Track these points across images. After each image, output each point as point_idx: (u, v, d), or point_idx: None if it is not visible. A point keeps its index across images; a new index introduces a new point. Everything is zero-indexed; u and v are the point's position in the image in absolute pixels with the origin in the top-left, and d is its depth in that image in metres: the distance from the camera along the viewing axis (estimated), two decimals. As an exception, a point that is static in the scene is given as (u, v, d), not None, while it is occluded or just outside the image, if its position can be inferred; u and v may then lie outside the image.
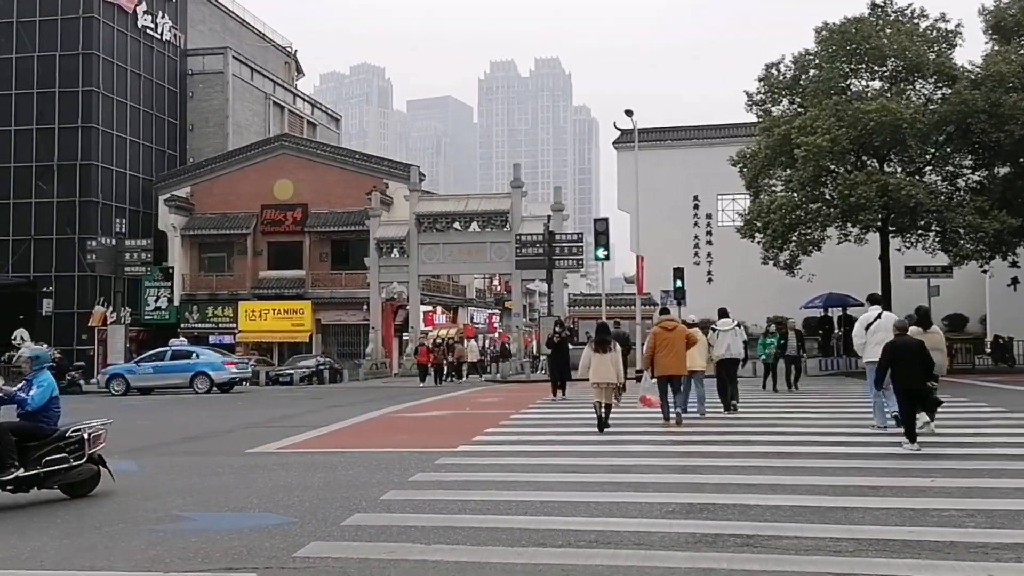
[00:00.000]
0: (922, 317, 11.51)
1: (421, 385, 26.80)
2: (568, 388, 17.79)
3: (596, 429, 11.23)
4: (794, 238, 27.12)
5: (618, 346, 12.24)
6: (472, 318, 48.73)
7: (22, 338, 32.94)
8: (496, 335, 48.62)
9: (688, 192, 38.14)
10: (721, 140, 37.06)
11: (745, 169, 28.58)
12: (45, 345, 31.58)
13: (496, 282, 53.01)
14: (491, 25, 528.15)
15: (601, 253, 27.30)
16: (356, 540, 5.76)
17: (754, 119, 30.36)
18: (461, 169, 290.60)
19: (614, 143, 39.58)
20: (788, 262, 28.04)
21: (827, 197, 26.47)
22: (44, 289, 37.60)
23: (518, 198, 35.68)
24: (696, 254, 38.12)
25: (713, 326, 14.47)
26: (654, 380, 12.17)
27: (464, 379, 30.36)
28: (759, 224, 27.01)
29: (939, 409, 10.58)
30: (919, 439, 9.19)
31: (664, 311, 13.63)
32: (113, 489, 8.02)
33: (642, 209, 30.38)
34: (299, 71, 57.96)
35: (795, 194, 26.48)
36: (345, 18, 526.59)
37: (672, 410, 12.04)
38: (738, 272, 34.15)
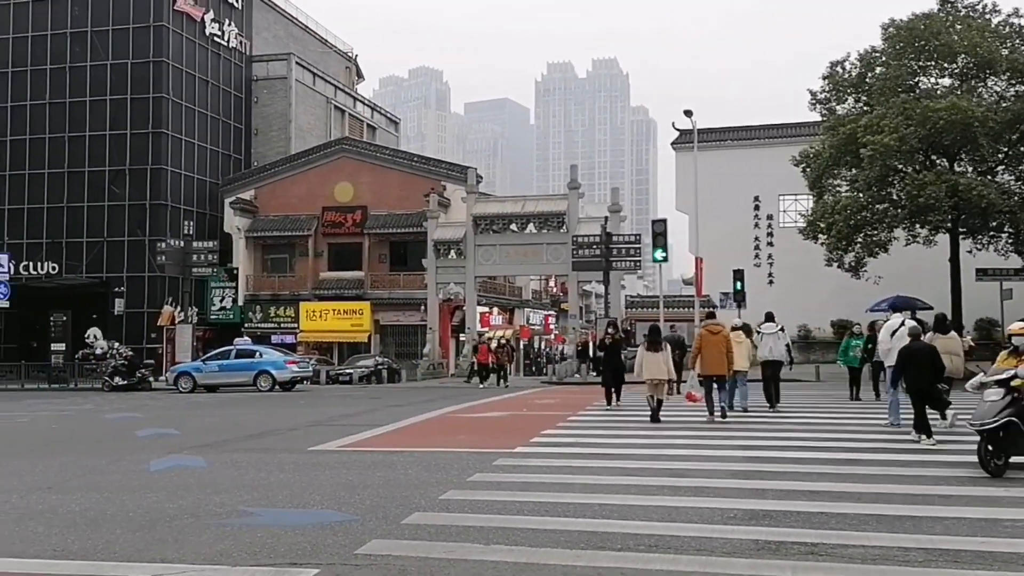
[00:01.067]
0: (938, 323, 12.90)
1: (482, 386, 26.27)
2: (624, 392, 16.26)
3: (654, 433, 11.40)
4: (859, 239, 26.40)
5: (668, 346, 14.16)
6: (528, 319, 48.79)
7: (95, 336, 34.16)
8: (552, 336, 48.58)
9: (749, 193, 37.52)
10: (783, 140, 36.36)
11: (808, 169, 27.98)
12: (116, 343, 32.75)
13: (552, 283, 52.97)
14: (548, 26, 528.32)
15: (659, 255, 27.05)
16: (416, 539, 5.83)
17: (818, 118, 29.72)
18: (518, 171, 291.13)
19: (673, 144, 39.19)
20: (853, 264, 27.33)
21: (894, 197, 25.70)
22: (116, 289, 38.88)
23: (575, 199, 35.58)
24: (757, 255, 37.47)
25: (757, 329, 15.42)
26: (699, 378, 13.48)
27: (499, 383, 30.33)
28: (823, 225, 26.40)
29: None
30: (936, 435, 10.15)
31: (710, 315, 15.19)
32: (183, 484, 8.27)
33: (701, 210, 29.99)
34: (359, 75, 58.82)
35: (861, 194, 25.77)
36: (404, 22, 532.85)
37: (717, 406, 13.08)
38: (800, 274, 33.44)
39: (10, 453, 11.34)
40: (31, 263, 38.88)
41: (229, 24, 43.98)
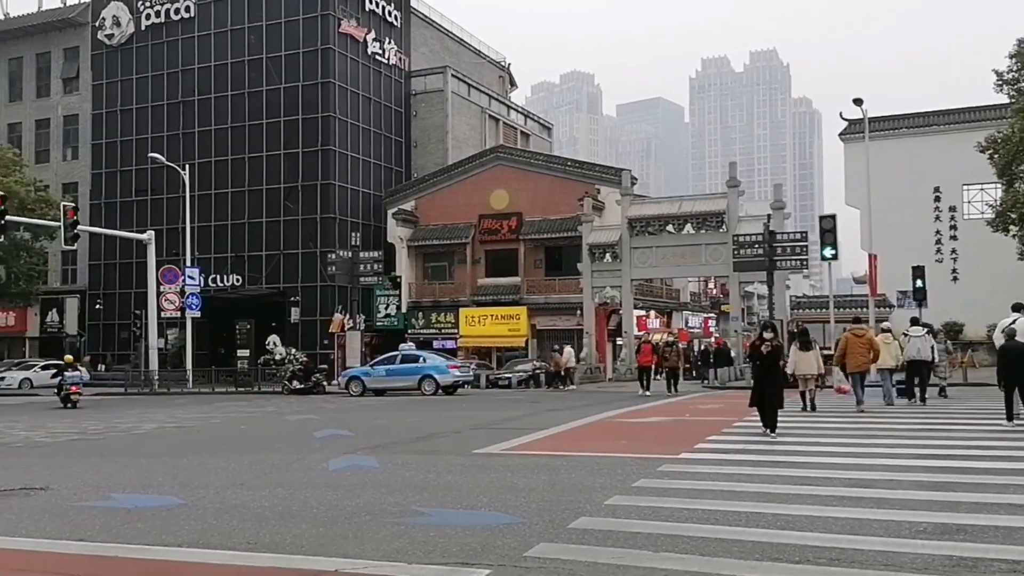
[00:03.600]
0: None
1: (646, 394, 23.05)
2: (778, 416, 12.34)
3: (826, 440, 11.00)
4: (1057, 230, 24.08)
5: (817, 345, 16.09)
6: (687, 322, 47.77)
7: (274, 343, 36.41)
8: (712, 339, 47.27)
9: (927, 183, 35.03)
10: (966, 125, 33.72)
11: (996, 155, 25.78)
12: (293, 349, 34.89)
13: (712, 285, 51.62)
14: (701, 23, 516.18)
15: (828, 252, 25.73)
16: (583, 543, 5.81)
17: (1005, 99, 27.31)
18: (672, 171, 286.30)
19: (841, 135, 37.21)
20: (1051, 257, 24.93)
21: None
22: (292, 299, 41.50)
23: (734, 198, 34.51)
24: (938, 250, 34.93)
25: (905, 332, 17.40)
26: (846, 374, 16.26)
27: (574, 387, 29.77)
28: (1014, 215, 24.25)
29: None
30: None
31: (856, 320, 17.94)
32: (359, 483, 8.67)
33: (874, 204, 28.24)
34: (512, 84, 59.82)
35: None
36: (555, 28, 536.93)
37: (863, 397, 15.84)
38: (989, 269, 30.86)
39: (207, 451, 12.32)
40: (218, 276, 42.22)
41: (389, 42, 45.96)
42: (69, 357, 27.91)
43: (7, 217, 28.70)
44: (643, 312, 40.96)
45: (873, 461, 9.31)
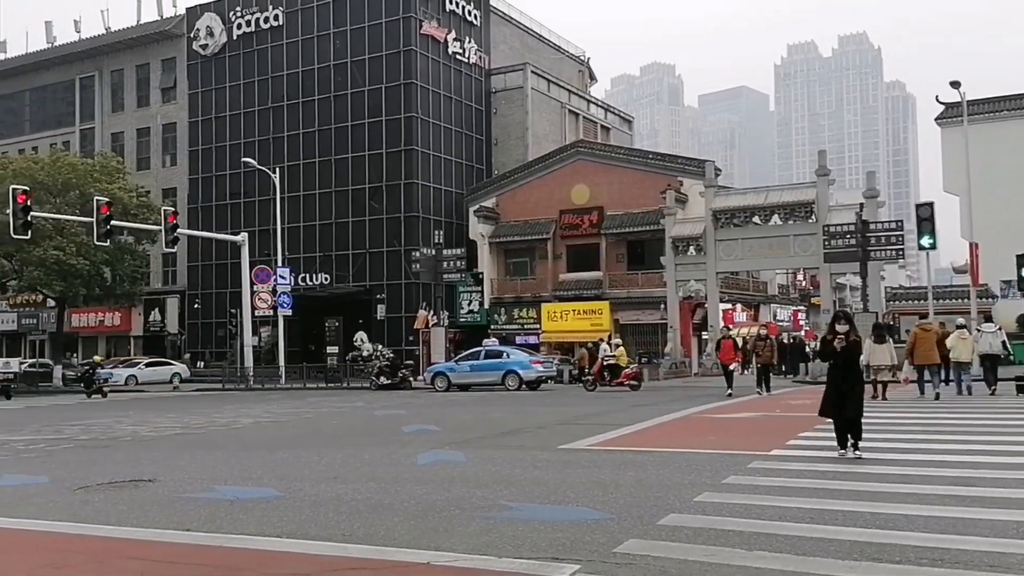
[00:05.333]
0: None
1: (729, 392, 20.70)
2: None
3: (925, 438, 10.69)
4: None
5: (890, 338, 17.92)
6: (775, 315, 46.63)
7: (362, 340, 37.30)
8: (803, 333, 46.01)
9: (1032, 167, 33.20)
10: (1072, 104, 31.78)
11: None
12: (380, 345, 35.64)
13: (801, 277, 50.21)
14: (785, 8, 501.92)
15: (926, 241, 24.71)
16: (673, 540, 5.76)
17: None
18: (757, 161, 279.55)
19: (937, 119, 35.63)
20: None
21: None
22: (378, 296, 42.39)
23: (824, 187, 33.48)
24: (1045, 238, 33.03)
25: (978, 328, 18.92)
26: (913, 367, 17.83)
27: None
28: None
29: None
30: None
31: (923, 316, 20.82)
32: (448, 477, 8.81)
33: (974, 190, 26.99)
34: (592, 77, 59.50)
35: None
36: (634, 20, 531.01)
37: (934, 389, 17.15)
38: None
39: (301, 445, 12.72)
40: (308, 275, 43.45)
41: (469, 41, 46.35)
42: (98, 358, 33.83)
43: (112, 222, 30.24)
44: (729, 306, 40.17)
45: (974, 459, 8.90)
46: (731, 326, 38.82)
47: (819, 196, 32.96)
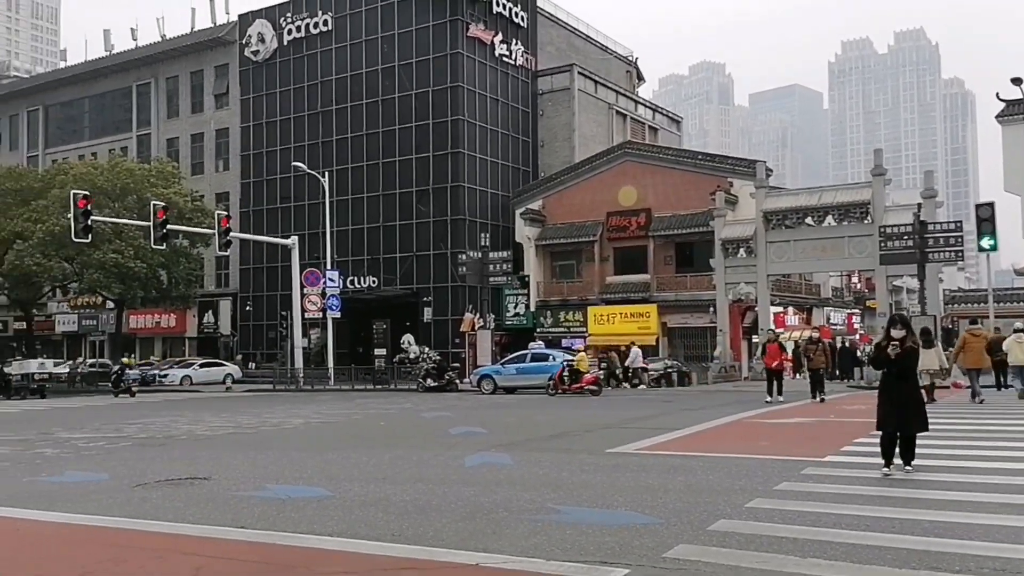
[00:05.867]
0: None
1: (771, 400, 19.41)
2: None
3: (985, 444, 10.48)
4: None
5: (939, 343, 18.47)
6: (828, 319, 45.72)
7: (408, 342, 37.57)
8: (857, 337, 45.06)
9: (1097, 165, 32.00)
10: None
11: None
12: (426, 348, 35.88)
13: (856, 279, 49.18)
14: (838, 6, 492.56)
15: (987, 242, 24.02)
16: (724, 546, 5.68)
17: None
18: (810, 161, 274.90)
19: (997, 117, 34.53)
20: None
21: None
22: (425, 299, 42.65)
23: (880, 187, 32.71)
24: (1111, 239, 31.82)
25: None
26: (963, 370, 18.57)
27: (644, 386, 28.75)
28: None
29: None
30: None
31: (974, 322, 20.90)
32: (495, 479, 8.82)
33: (1036, 189, 26.11)
34: (640, 78, 59.13)
35: None
36: (683, 20, 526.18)
37: (978, 395, 17.60)
38: None
39: (350, 446, 12.86)
40: (356, 278, 43.94)
41: (516, 43, 46.42)
42: (127, 359, 36.23)
43: (168, 226, 30.98)
44: (780, 309, 39.49)
45: (1042, 468, 8.62)
46: (782, 329, 38.21)
47: (875, 196, 32.23)
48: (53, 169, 46.11)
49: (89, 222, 28.11)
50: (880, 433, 8.66)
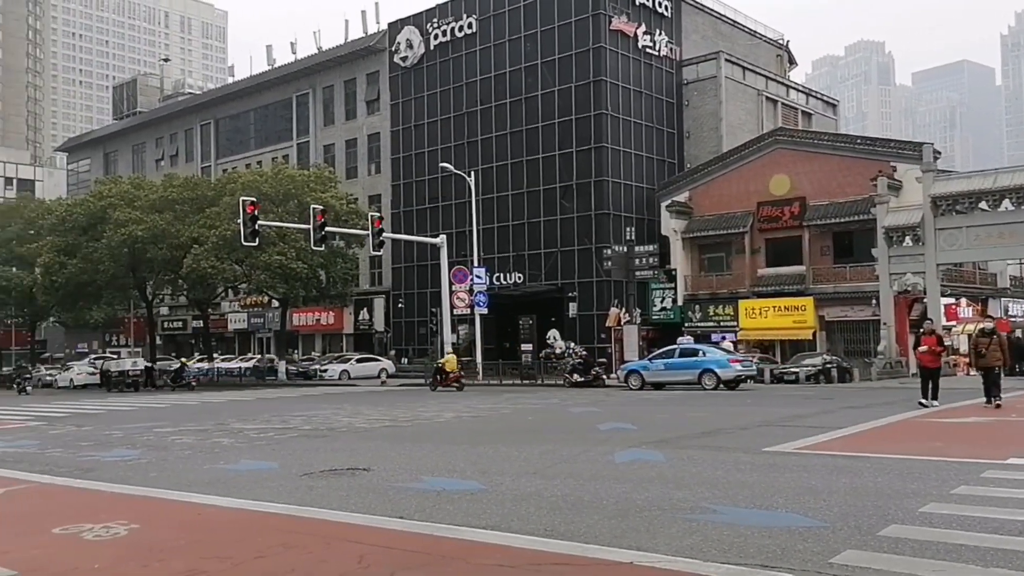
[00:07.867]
0: None
1: (924, 403, 16.60)
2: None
3: None
4: None
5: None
6: (1006, 310, 42.16)
7: (554, 337, 37.84)
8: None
9: None
10: None
11: None
12: (572, 343, 35.96)
13: (1037, 268, 45.03)
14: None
15: None
16: (896, 553, 5.34)
17: None
18: (982, 142, 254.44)
19: None
20: None
21: None
22: (569, 294, 42.72)
23: (1065, 166, 29.85)
24: None
25: None
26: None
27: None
28: None
29: None
30: None
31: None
32: (646, 476, 8.70)
33: None
34: (791, 62, 56.63)
35: None
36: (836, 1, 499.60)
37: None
38: None
39: (501, 440, 13.07)
40: (502, 274, 44.63)
41: (660, 34, 45.62)
42: (184, 359, 41.80)
43: (326, 228, 32.62)
44: (952, 300, 36.76)
45: None
46: (954, 322, 35.54)
47: (1059, 176, 29.45)
48: (224, 178, 49.54)
49: (256, 226, 30.01)
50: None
